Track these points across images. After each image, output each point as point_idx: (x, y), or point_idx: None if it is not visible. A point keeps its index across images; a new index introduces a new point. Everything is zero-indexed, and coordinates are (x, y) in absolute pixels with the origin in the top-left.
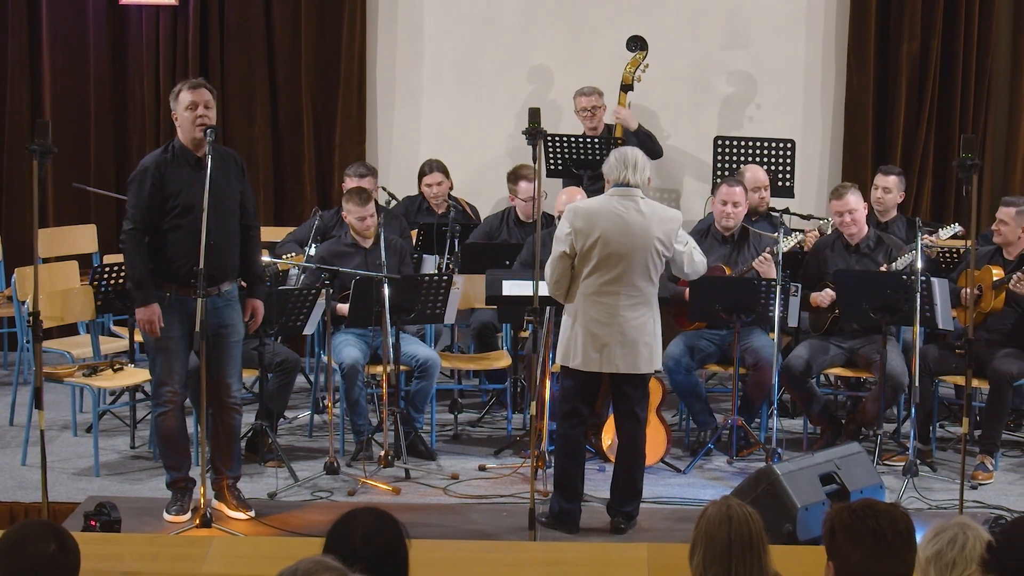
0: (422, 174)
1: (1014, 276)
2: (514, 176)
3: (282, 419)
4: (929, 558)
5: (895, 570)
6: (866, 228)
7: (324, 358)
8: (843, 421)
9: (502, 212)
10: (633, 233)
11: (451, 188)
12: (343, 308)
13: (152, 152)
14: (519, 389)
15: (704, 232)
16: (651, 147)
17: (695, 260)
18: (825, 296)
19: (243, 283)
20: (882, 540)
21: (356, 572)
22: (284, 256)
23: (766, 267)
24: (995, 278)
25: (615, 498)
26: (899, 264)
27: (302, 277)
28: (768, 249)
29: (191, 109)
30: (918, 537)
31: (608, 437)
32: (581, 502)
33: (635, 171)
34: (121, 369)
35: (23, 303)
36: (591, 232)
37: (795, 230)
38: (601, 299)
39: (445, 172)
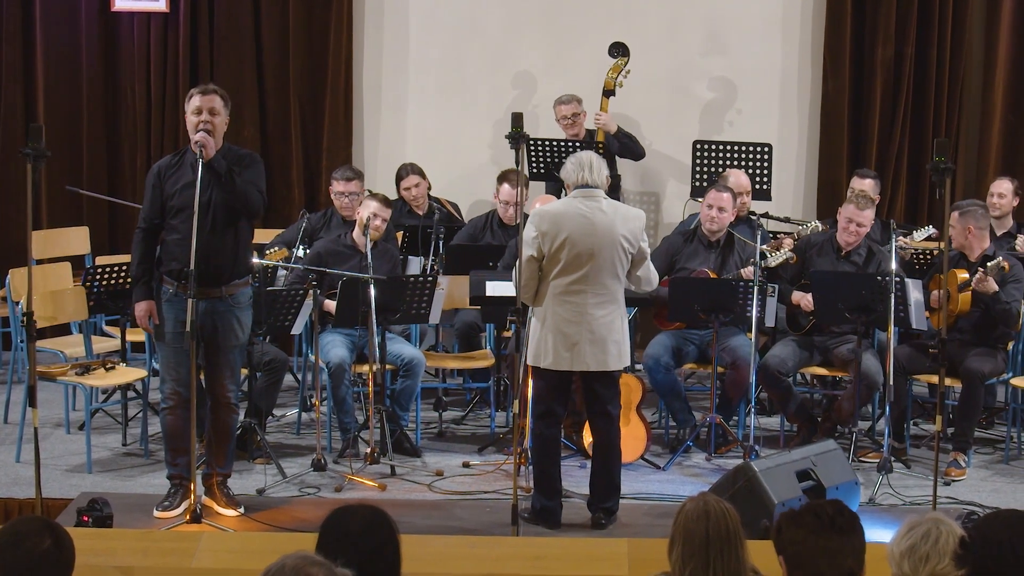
0: (399, 179)
1: (975, 276)
2: (501, 178)
3: (270, 417)
4: (903, 552)
5: (841, 548)
6: (861, 240)
7: (312, 357)
8: (819, 419)
9: (486, 214)
10: (598, 232)
11: (429, 188)
12: (330, 304)
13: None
14: (502, 388)
15: (689, 236)
16: (633, 148)
17: (651, 269)
18: (809, 300)
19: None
20: (823, 517)
21: (348, 567)
22: (267, 252)
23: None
24: (960, 281)
25: (594, 495)
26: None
27: (289, 277)
28: (753, 261)
29: (196, 114)
30: (892, 533)
31: (589, 435)
32: (561, 498)
33: (592, 171)
34: (113, 368)
35: (17, 303)
36: (557, 234)
37: (772, 232)
38: (569, 299)
39: (421, 174)
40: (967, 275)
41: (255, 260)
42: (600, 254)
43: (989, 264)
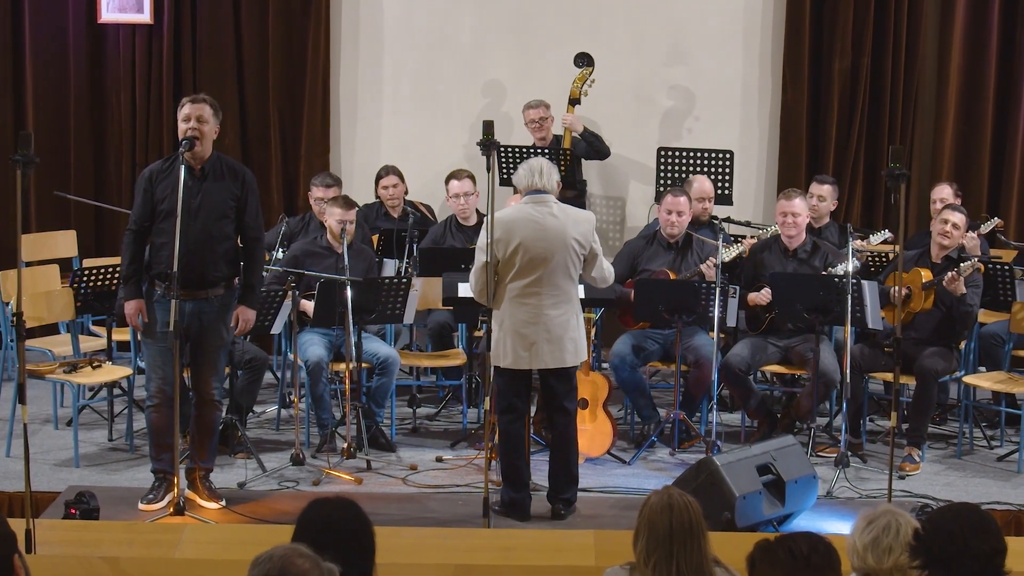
0: (378, 178)
1: (946, 276)
2: (447, 179)
3: (251, 413)
4: (867, 545)
5: None
6: (804, 235)
7: (291, 356)
8: (778, 415)
9: (444, 221)
10: (550, 237)
11: (406, 192)
12: (308, 305)
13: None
14: (474, 385)
15: (650, 238)
16: (599, 147)
17: (604, 267)
18: (763, 295)
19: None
20: (799, 557)
21: (323, 556)
22: None
23: (711, 274)
24: (924, 280)
25: (553, 487)
26: (837, 270)
27: (269, 279)
28: (711, 258)
29: (185, 121)
30: (849, 526)
31: None
32: (530, 491)
33: (542, 177)
34: (99, 366)
35: (7, 304)
36: (510, 240)
37: (733, 236)
38: (526, 301)
39: (400, 176)
40: (930, 274)
41: None
42: (553, 257)
43: (963, 264)
